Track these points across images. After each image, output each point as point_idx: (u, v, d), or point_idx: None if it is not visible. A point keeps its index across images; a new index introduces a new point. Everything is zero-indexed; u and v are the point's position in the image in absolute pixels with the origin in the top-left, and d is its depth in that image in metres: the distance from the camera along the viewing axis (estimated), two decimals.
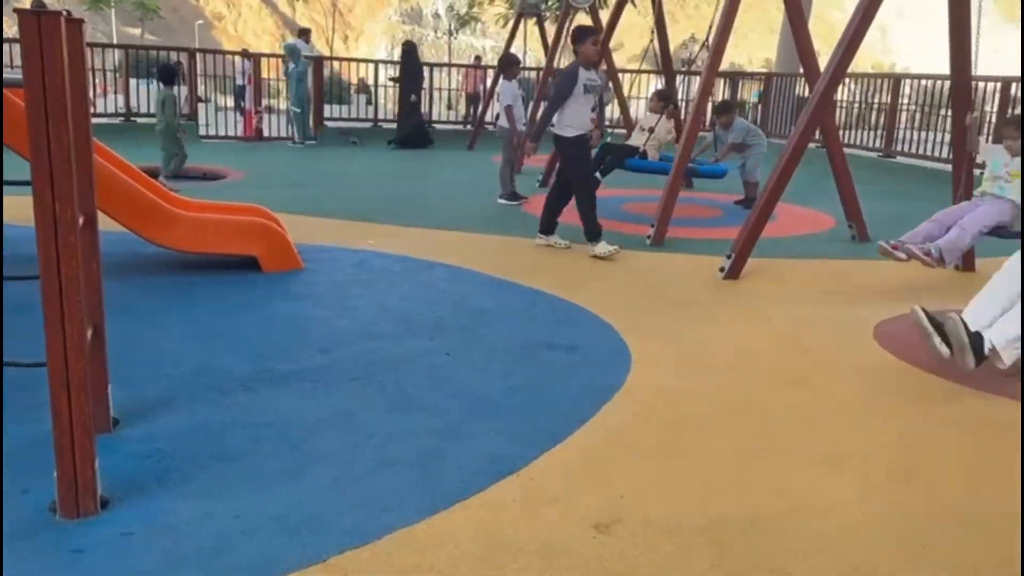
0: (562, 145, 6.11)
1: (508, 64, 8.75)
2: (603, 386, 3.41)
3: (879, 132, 11.44)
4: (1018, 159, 4.98)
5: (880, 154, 10.78)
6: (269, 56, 15.07)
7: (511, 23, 15.09)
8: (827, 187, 7.09)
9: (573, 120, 5.97)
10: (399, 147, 13.42)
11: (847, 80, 12.82)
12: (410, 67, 13.73)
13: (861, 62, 65.82)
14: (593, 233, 5.96)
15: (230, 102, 16.14)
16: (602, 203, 7.99)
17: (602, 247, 5.88)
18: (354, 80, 18.33)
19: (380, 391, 3.29)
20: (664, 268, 5.75)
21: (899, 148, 10.60)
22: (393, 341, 3.91)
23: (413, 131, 13.61)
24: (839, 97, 12.57)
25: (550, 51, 12.43)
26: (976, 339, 3.43)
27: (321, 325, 4.14)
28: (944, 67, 5.70)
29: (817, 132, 6.34)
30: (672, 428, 3.07)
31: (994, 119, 9.07)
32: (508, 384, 3.42)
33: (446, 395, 3.27)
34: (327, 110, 15.06)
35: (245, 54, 15.60)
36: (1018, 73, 9.80)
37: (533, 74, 16.25)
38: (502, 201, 8.34)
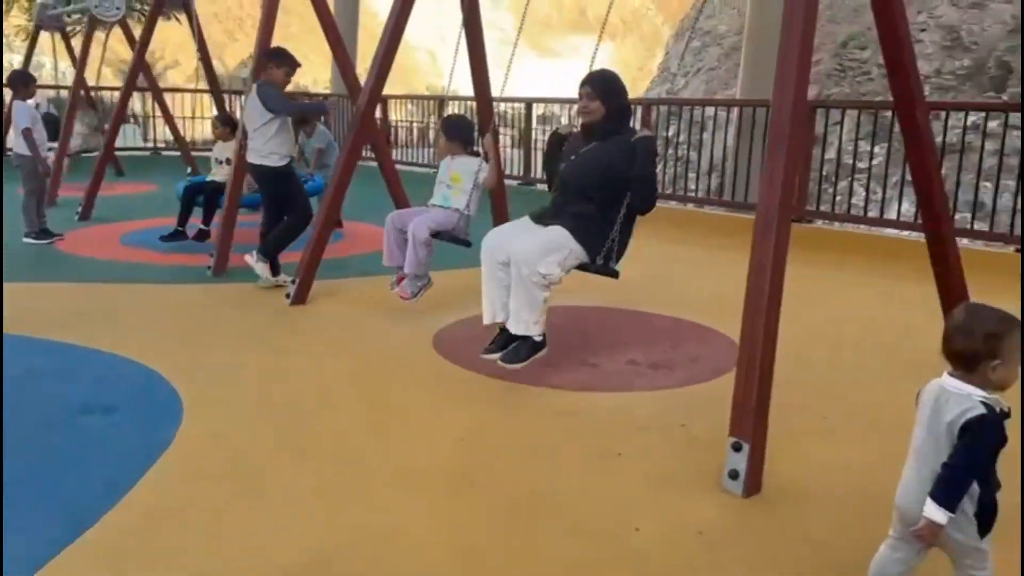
0: (266, 176, 5.53)
1: (21, 82, 7.50)
2: (146, 448, 2.99)
3: (434, 150, 12.26)
4: (460, 160, 4.90)
5: (433, 170, 11.57)
6: None
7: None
8: (391, 204, 7.33)
9: (280, 147, 5.46)
10: None
11: (405, 101, 13.55)
12: None
13: (417, 84, 70.95)
14: (268, 255, 5.51)
15: None
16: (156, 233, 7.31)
17: (264, 269, 5.50)
18: None
19: None
20: (227, 299, 5.39)
21: None
22: None
23: None
24: (398, 117, 13.21)
25: (78, 66, 11.08)
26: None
27: None
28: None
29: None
30: (230, 480, 2.80)
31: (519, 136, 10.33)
32: (20, 470, 2.80)
33: None
34: None
35: None
36: (534, 94, 11.26)
37: (65, 92, 14.36)
38: (29, 240, 7.13)
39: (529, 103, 10.40)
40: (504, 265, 3.75)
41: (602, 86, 3.81)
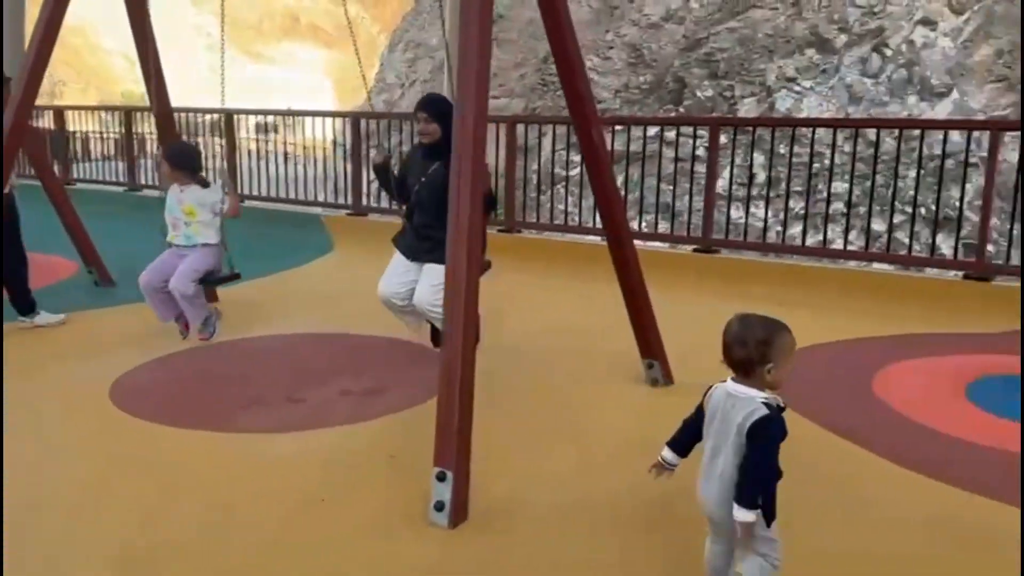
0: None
1: None
2: None
3: (126, 164, 11.07)
4: (191, 191, 4.57)
5: (126, 188, 10.45)
6: None
7: None
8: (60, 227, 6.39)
9: None
10: None
11: (91, 111, 12.11)
12: None
13: (113, 91, 64.29)
14: (28, 307, 4.99)
15: None
16: None
17: (43, 317, 5.00)
18: None
19: None
20: None
21: (144, 181, 10.43)
22: None
23: None
24: (87, 128, 11.78)
25: None
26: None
27: None
28: (187, 98, 5.62)
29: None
30: None
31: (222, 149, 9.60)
32: None
33: None
34: None
35: None
36: (246, 101, 10.58)
37: None
38: None
39: (230, 114, 9.67)
40: (405, 304, 4.24)
41: (436, 109, 4.08)
